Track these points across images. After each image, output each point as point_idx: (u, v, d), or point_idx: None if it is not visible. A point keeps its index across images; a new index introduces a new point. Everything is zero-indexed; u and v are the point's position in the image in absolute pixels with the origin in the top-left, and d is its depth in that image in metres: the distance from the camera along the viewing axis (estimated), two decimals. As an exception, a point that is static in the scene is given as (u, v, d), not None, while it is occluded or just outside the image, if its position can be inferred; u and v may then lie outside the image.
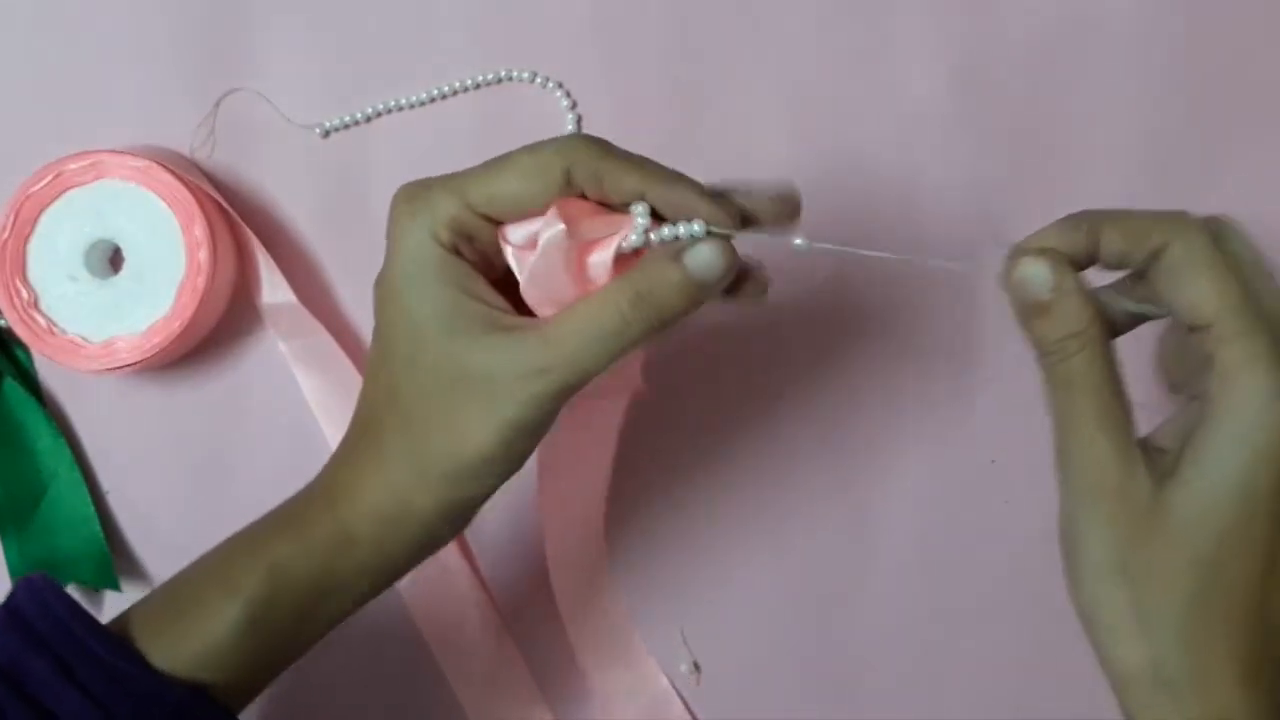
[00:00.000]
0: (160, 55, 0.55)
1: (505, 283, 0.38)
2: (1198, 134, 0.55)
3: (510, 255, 0.37)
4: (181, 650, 0.38)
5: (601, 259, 0.36)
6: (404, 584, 0.53)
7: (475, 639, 0.53)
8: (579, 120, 0.55)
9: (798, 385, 0.54)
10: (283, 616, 0.39)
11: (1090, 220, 0.35)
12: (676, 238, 0.36)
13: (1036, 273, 0.35)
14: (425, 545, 0.40)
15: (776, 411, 0.55)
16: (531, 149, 0.37)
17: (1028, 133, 0.55)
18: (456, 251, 0.37)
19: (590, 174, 0.36)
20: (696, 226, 0.36)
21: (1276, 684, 0.33)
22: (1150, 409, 0.35)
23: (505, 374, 0.36)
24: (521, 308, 0.38)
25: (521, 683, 0.53)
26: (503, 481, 0.39)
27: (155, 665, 0.38)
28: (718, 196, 0.36)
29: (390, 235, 0.38)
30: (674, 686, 0.54)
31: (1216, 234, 0.34)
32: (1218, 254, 0.33)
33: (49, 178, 0.51)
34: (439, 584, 0.53)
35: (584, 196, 0.37)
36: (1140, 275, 0.35)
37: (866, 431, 0.54)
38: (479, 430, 0.36)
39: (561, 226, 0.35)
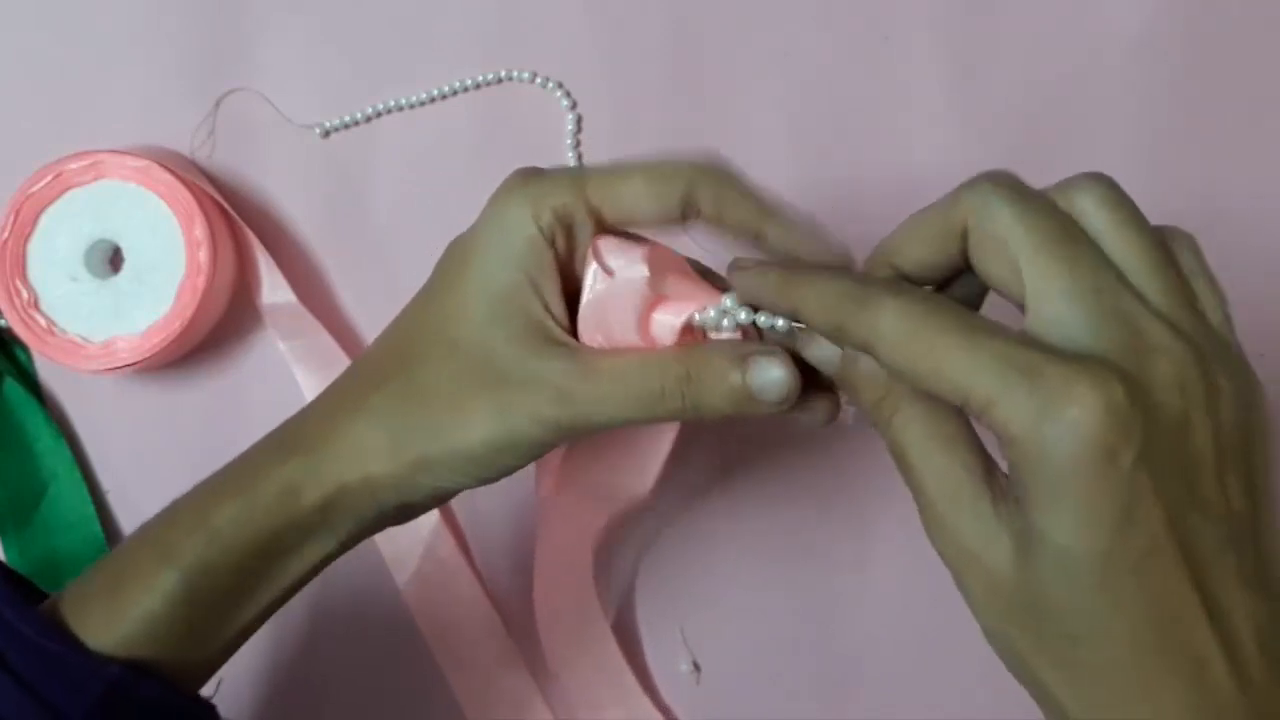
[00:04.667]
0: (160, 55, 0.55)
1: (576, 297, 0.36)
2: (1198, 135, 0.55)
3: (591, 270, 0.36)
4: (116, 626, 0.36)
5: (669, 321, 0.35)
6: (404, 584, 0.53)
7: (475, 639, 0.53)
8: (579, 120, 0.55)
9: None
10: (222, 584, 0.37)
11: (794, 291, 0.31)
12: (754, 324, 0.34)
13: (818, 349, 0.33)
14: (371, 524, 0.37)
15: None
16: (661, 157, 0.36)
17: (1028, 133, 0.55)
18: (551, 242, 0.35)
19: (713, 197, 0.35)
20: (780, 322, 0.34)
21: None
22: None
23: (525, 383, 0.34)
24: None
25: (521, 683, 0.53)
26: (469, 486, 0.36)
27: (89, 643, 0.36)
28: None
29: (488, 203, 0.36)
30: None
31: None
32: (922, 328, 0.28)
33: (49, 178, 0.51)
34: (439, 584, 0.53)
35: (699, 216, 0.35)
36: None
37: (866, 436, 0.54)
38: (475, 426, 0.35)
39: (645, 271, 0.34)
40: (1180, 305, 0.29)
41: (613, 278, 0.35)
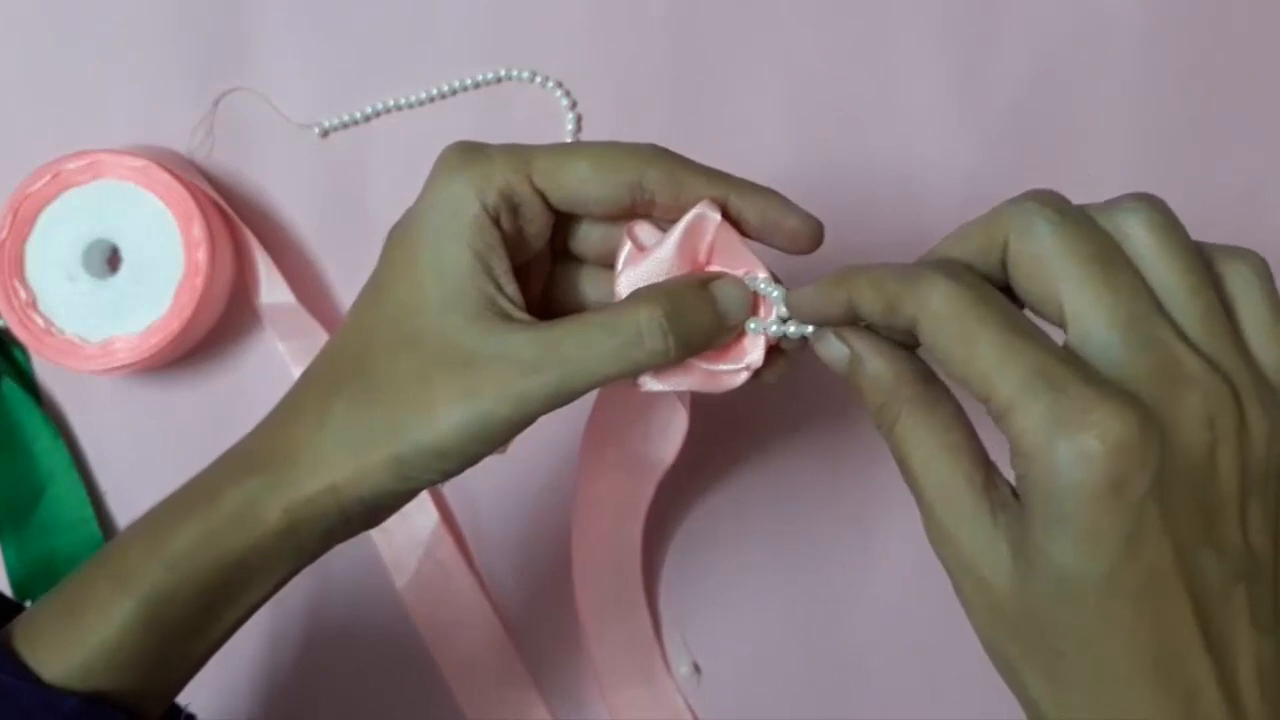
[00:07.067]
0: (159, 55, 0.55)
1: (525, 273, 0.36)
2: (1198, 134, 0.55)
3: (626, 250, 0.35)
4: (72, 656, 0.34)
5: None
6: (404, 584, 0.53)
7: (474, 640, 0.53)
8: (579, 120, 0.55)
9: (801, 393, 0.54)
10: (184, 612, 0.35)
11: (848, 280, 0.31)
12: (778, 327, 0.35)
13: (828, 347, 0.33)
14: (337, 535, 0.36)
15: (779, 417, 0.54)
16: (609, 143, 0.35)
17: (1028, 133, 0.55)
18: (496, 220, 0.34)
19: (666, 178, 0.34)
20: (793, 328, 0.35)
21: None
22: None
23: (490, 361, 0.33)
24: (532, 306, 0.36)
25: (520, 683, 0.53)
26: (438, 482, 0.35)
27: (44, 674, 0.34)
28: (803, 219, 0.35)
29: (428, 183, 0.35)
30: (680, 691, 0.54)
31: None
32: (965, 315, 0.28)
33: (47, 177, 0.51)
34: (439, 584, 0.53)
35: (651, 204, 0.35)
36: None
37: (868, 436, 0.54)
38: (443, 416, 0.33)
39: (718, 217, 0.35)
40: (1218, 336, 0.28)
41: (645, 253, 0.35)
